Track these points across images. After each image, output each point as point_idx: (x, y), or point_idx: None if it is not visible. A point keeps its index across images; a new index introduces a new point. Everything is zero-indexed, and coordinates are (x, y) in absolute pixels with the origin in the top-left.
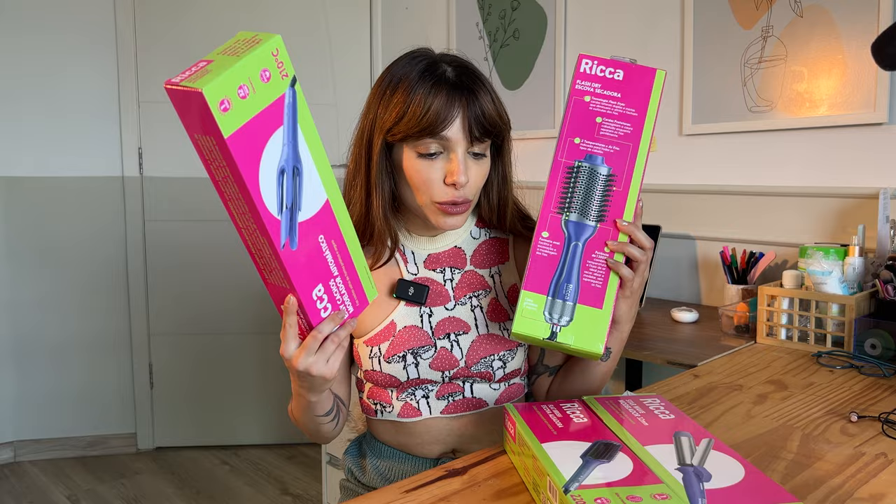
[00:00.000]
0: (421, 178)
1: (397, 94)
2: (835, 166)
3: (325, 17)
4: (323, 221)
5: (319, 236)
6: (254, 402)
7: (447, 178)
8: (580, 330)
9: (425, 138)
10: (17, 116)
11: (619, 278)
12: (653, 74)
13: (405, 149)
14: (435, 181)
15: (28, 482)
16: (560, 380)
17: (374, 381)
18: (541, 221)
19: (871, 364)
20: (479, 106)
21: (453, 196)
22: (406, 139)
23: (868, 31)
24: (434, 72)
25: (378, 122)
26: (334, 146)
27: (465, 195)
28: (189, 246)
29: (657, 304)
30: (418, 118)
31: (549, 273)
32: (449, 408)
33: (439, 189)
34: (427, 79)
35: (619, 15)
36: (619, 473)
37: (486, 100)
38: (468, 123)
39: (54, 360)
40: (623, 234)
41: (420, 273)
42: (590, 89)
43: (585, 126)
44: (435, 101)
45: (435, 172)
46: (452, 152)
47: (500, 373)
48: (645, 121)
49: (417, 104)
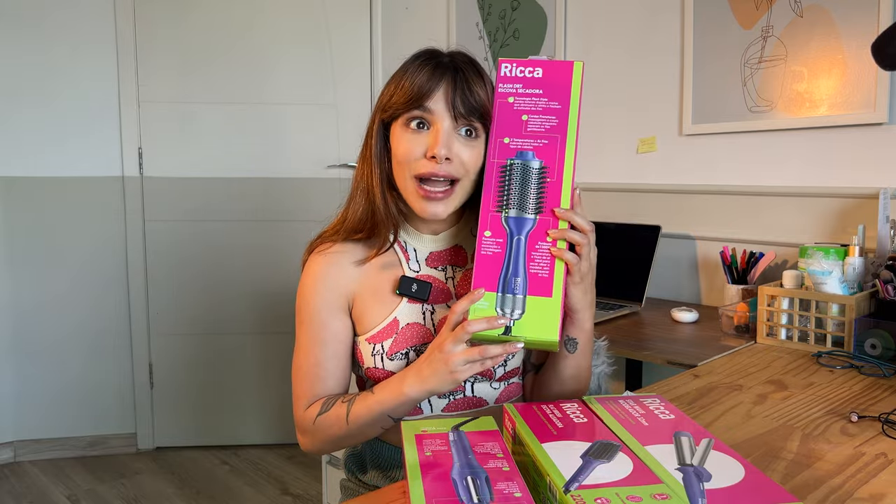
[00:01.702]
0: (403, 149)
1: (394, 77)
2: (835, 166)
3: (325, 17)
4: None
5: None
6: (254, 402)
7: (427, 151)
8: (533, 321)
9: (411, 111)
10: (16, 116)
11: (566, 265)
12: (571, 67)
13: (396, 126)
14: (416, 153)
15: (28, 482)
16: (536, 379)
17: (376, 378)
18: (482, 222)
19: (871, 364)
20: (465, 84)
21: (433, 168)
22: (396, 115)
23: (868, 31)
24: (431, 56)
25: (377, 105)
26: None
27: (449, 171)
28: (189, 246)
29: (657, 304)
30: (405, 91)
31: (496, 270)
32: (449, 407)
33: (420, 162)
34: (422, 60)
35: (619, 15)
36: (619, 473)
37: (476, 81)
38: (451, 97)
39: (54, 360)
40: (563, 222)
41: (422, 270)
42: (512, 90)
43: (512, 125)
44: (421, 73)
45: (418, 146)
46: (436, 125)
47: (500, 371)
48: (569, 111)
49: (406, 79)
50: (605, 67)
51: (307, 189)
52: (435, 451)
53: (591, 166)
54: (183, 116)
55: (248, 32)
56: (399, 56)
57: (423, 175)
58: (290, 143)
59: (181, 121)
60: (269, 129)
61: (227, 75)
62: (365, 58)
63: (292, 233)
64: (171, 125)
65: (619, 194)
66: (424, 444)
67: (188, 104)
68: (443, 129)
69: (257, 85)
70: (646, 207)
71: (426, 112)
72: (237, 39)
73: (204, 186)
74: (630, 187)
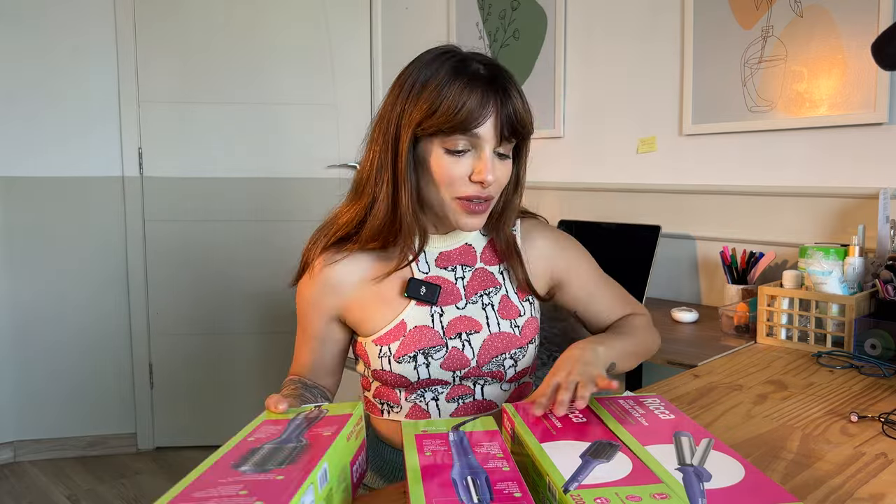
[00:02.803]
0: (447, 173)
1: (428, 89)
2: (835, 166)
3: (325, 17)
4: None
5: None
6: (254, 402)
7: (474, 176)
8: None
9: (456, 134)
10: (16, 116)
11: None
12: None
13: (433, 144)
14: (460, 178)
15: (28, 482)
16: None
17: (383, 380)
18: None
19: (871, 364)
20: (511, 106)
21: (478, 191)
22: (436, 134)
23: (868, 31)
24: (467, 68)
25: (405, 116)
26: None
27: (490, 193)
28: (189, 246)
29: (657, 304)
30: (452, 113)
31: None
32: (458, 411)
33: (464, 185)
34: (461, 74)
35: (620, 15)
36: (618, 473)
37: (518, 101)
38: (500, 123)
39: (54, 360)
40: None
41: (431, 272)
42: None
43: None
44: (470, 97)
45: (461, 168)
46: (481, 150)
47: (511, 371)
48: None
49: (452, 99)
50: (605, 67)
51: (307, 189)
52: (435, 452)
53: (590, 166)
54: (183, 116)
55: (248, 32)
56: (399, 57)
57: (468, 197)
58: (290, 143)
59: (181, 121)
60: (269, 129)
61: (227, 75)
62: (365, 58)
63: (292, 233)
64: (171, 125)
65: (619, 194)
66: (424, 445)
67: (188, 104)
68: (488, 155)
69: (257, 85)
70: (646, 207)
71: (473, 137)
72: (237, 39)
73: (204, 186)
74: (630, 187)
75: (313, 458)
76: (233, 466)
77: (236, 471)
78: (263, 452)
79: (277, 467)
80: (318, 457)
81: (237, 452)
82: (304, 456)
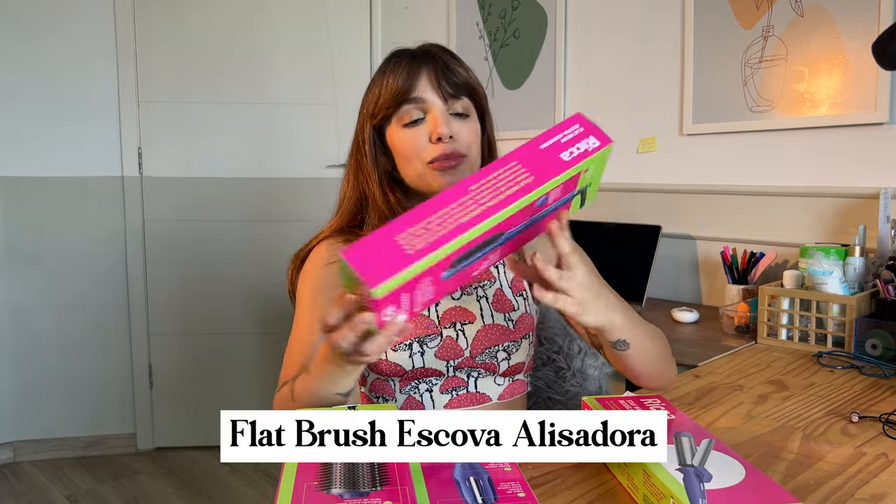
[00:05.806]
0: (410, 144)
1: (373, 83)
2: (835, 166)
3: (325, 17)
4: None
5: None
6: (254, 402)
7: (431, 136)
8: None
9: (403, 106)
10: (16, 116)
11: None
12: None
13: (392, 126)
14: (423, 144)
15: (28, 482)
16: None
17: (378, 370)
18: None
19: (872, 364)
20: (443, 64)
21: (442, 149)
22: (390, 116)
23: (868, 31)
24: (401, 53)
25: (362, 115)
26: (334, 146)
27: (456, 148)
28: (189, 246)
29: (657, 304)
30: (390, 90)
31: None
32: (452, 402)
33: (427, 149)
34: (394, 57)
35: (620, 15)
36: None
37: (452, 61)
38: (435, 79)
39: (54, 361)
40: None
41: None
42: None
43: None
44: (403, 68)
45: (420, 135)
46: (432, 112)
47: (504, 364)
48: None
49: (387, 77)
50: (606, 67)
51: (307, 189)
52: None
53: None
54: (183, 116)
55: (248, 32)
56: None
57: (434, 158)
58: (290, 143)
59: (181, 121)
60: (268, 128)
61: (227, 75)
62: (365, 58)
63: (292, 233)
64: (171, 125)
65: (619, 194)
66: None
67: (188, 104)
68: (438, 112)
69: (257, 85)
70: (646, 207)
71: (417, 102)
72: (237, 39)
73: (204, 186)
74: (630, 187)
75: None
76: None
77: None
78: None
79: None
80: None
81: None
82: None
